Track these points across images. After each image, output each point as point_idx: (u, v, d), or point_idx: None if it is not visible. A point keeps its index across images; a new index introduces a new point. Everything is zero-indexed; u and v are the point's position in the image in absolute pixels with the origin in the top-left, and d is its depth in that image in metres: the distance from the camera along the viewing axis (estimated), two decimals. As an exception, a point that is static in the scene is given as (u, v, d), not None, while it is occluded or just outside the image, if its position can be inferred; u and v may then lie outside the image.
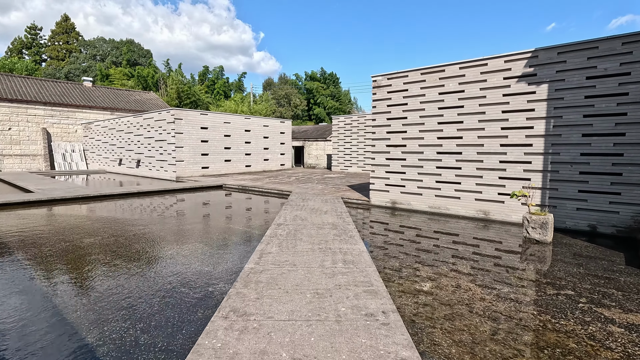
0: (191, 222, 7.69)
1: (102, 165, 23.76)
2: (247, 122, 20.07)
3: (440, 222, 7.70)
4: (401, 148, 9.01)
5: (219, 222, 7.64)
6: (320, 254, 4.64)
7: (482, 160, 7.72)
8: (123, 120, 20.90)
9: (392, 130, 9.15)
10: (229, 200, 11.14)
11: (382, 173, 9.43)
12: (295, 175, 17.52)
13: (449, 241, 6.18)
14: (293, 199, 9.69)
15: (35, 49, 52.48)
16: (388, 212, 8.87)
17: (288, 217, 7.08)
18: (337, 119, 20.97)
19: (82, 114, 26.47)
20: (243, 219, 8.03)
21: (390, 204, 9.30)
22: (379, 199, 9.52)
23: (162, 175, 17.79)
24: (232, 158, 19.35)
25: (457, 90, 8.00)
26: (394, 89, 9.05)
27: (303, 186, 12.89)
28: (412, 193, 8.86)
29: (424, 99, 8.53)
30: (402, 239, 6.22)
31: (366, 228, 7.26)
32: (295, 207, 8.29)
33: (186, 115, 17.14)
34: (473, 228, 7.22)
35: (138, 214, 8.63)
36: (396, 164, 9.13)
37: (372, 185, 9.64)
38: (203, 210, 9.45)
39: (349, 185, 13.42)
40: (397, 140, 9.07)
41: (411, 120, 8.78)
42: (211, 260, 4.94)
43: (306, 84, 50.87)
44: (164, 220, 7.78)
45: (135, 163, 19.90)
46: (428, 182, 8.57)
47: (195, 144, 17.56)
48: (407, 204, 8.96)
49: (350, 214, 8.29)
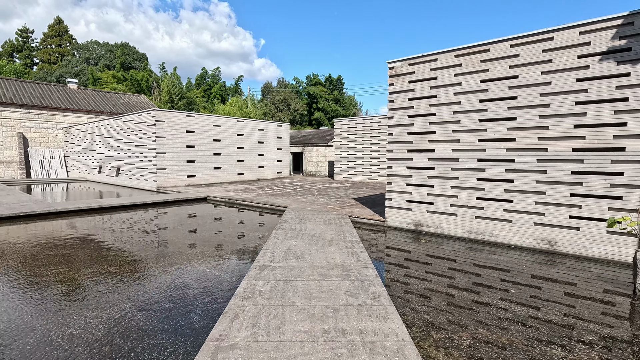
0: (133, 258, 5.55)
1: (82, 173, 21.69)
2: (239, 125, 18.03)
3: (483, 253, 5.59)
4: (428, 154, 6.92)
5: (175, 259, 5.50)
6: (325, 348, 2.52)
7: (544, 171, 5.63)
8: (103, 124, 18.88)
9: (416, 131, 7.07)
10: (207, 218, 9.02)
11: (402, 186, 7.33)
12: (293, 185, 15.44)
13: (513, 288, 4.06)
14: (288, 219, 7.58)
15: (26, 52, 50.76)
16: (410, 237, 6.76)
17: (277, 253, 4.96)
18: (340, 122, 18.95)
19: (63, 118, 24.47)
20: (213, 252, 5.90)
21: (413, 226, 7.19)
22: (398, 219, 7.41)
23: (142, 184, 15.70)
24: (223, 165, 17.28)
25: (508, 76, 5.94)
26: (417, 77, 7.00)
27: (301, 199, 10.79)
28: (444, 213, 6.76)
29: (459, 89, 6.46)
30: (448, 287, 4.10)
31: (387, 264, 5.14)
32: (289, 233, 6.18)
33: (169, 117, 15.09)
34: (533, 264, 5.11)
35: (67, 242, 6.51)
36: (421, 175, 7.03)
37: (389, 201, 7.54)
38: (166, 235, 7.33)
39: (356, 198, 11.30)
40: (422, 143, 6.99)
41: (442, 118, 6.71)
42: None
43: (308, 88, 49.01)
44: (86, 258, 5.65)
45: (115, 171, 17.82)
46: (466, 198, 6.47)
47: (180, 150, 15.49)
48: (437, 226, 6.85)
49: (362, 240, 6.18)
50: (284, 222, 7.27)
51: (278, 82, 57.58)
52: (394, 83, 7.37)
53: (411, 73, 7.10)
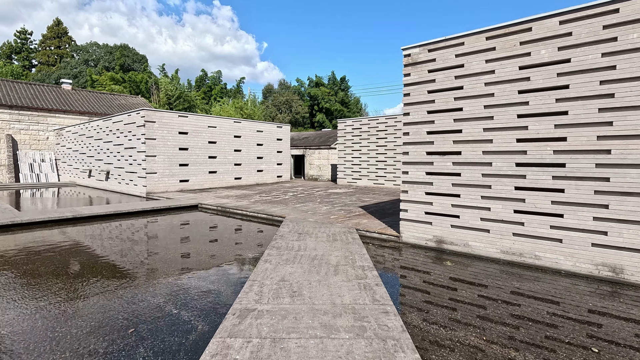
0: (84, 293, 4.41)
1: (73, 177, 20.65)
2: (237, 126, 16.93)
3: (525, 280, 4.41)
4: (452, 157, 5.76)
5: (135, 293, 4.36)
6: None
7: (607, 178, 4.45)
8: (92, 125, 17.84)
9: (438, 130, 5.91)
10: (194, 231, 7.87)
11: (420, 195, 6.16)
12: (294, 190, 14.29)
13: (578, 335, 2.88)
14: (284, 233, 6.42)
15: (24, 54, 50.09)
16: (431, 257, 5.58)
17: (267, 286, 3.81)
18: (344, 122, 17.81)
19: (55, 119, 23.49)
20: (184, 284, 4.76)
21: (433, 243, 6.01)
22: (415, 235, 6.23)
23: (131, 190, 14.60)
24: (219, 169, 16.16)
25: (556, 61, 4.78)
26: (439, 65, 5.85)
27: (302, 208, 9.63)
28: (472, 228, 5.58)
29: (492, 78, 5.31)
30: (503, 339, 2.93)
31: (410, 301, 3.97)
32: (284, 254, 5.02)
33: (160, 117, 14.01)
34: (591, 295, 3.94)
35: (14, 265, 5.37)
36: (444, 182, 5.87)
37: (404, 212, 6.37)
38: (136, 256, 6.18)
39: (363, 206, 10.14)
40: (445, 144, 5.83)
41: (470, 113, 5.55)
42: None
43: (310, 90, 47.96)
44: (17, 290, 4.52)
45: (105, 175, 16.76)
46: (501, 211, 5.29)
47: (172, 153, 14.40)
48: (463, 244, 5.67)
49: (375, 261, 5.01)
50: (280, 237, 6.11)
51: (280, 83, 56.62)
52: (410, 73, 6.22)
53: (431, 61, 5.95)
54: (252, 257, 5.55)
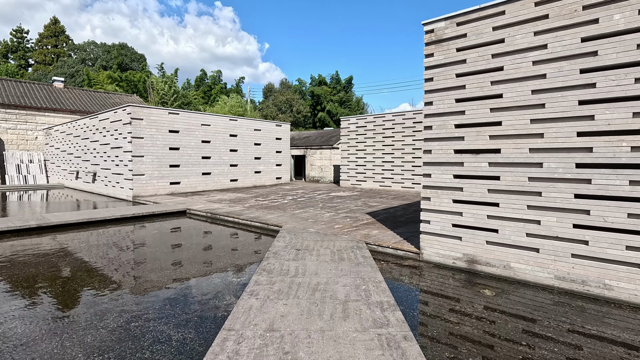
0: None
1: (62, 179, 19.57)
2: (232, 124, 15.79)
3: (590, 317, 3.24)
4: (489, 156, 4.59)
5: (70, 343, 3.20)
6: None
7: None
8: (79, 123, 16.75)
9: (469, 122, 4.75)
10: (170, 245, 6.72)
11: (446, 203, 4.99)
12: (293, 194, 13.13)
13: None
14: (279, 249, 5.27)
15: (20, 53, 49.16)
16: (461, 281, 4.42)
17: (247, 341, 2.64)
18: (347, 120, 16.65)
19: (44, 118, 22.43)
20: (139, 330, 3.60)
21: (464, 263, 4.84)
22: (439, 252, 5.06)
23: (118, 193, 13.49)
24: (213, 170, 15.02)
25: (637, 28, 3.62)
26: (471, 41, 4.69)
27: (301, 214, 8.47)
28: (515, 246, 4.41)
29: (543, 55, 4.14)
30: None
31: (441, 347, 2.80)
32: (277, 282, 3.86)
33: (148, 114, 12.88)
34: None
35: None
36: (478, 187, 4.70)
37: (426, 224, 5.20)
38: (95, 280, 5.03)
39: (370, 212, 8.97)
40: (478, 140, 4.66)
41: (512, 100, 4.38)
42: None
43: (312, 89, 46.83)
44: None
45: (92, 177, 15.65)
46: (555, 225, 4.12)
47: (161, 153, 13.27)
48: (503, 266, 4.49)
49: (393, 287, 3.85)
50: (274, 255, 4.95)
51: (281, 83, 55.55)
52: (432, 53, 5.06)
53: (461, 36, 4.79)
54: (235, 286, 4.38)
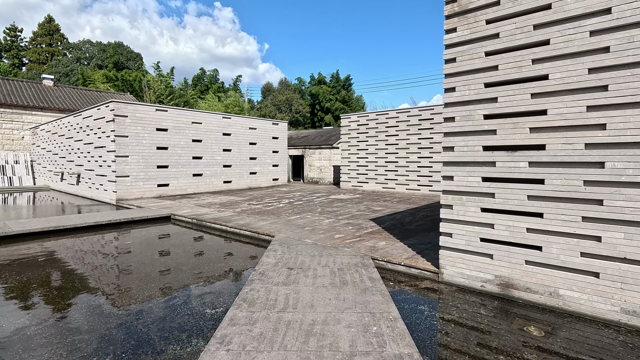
0: None
1: (48, 181, 18.62)
2: (226, 122, 14.84)
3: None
4: (529, 154, 3.64)
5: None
6: None
7: None
8: (64, 122, 15.80)
9: (502, 111, 3.80)
10: (140, 258, 5.76)
11: (472, 212, 4.04)
12: (290, 197, 12.17)
13: None
14: (268, 269, 4.32)
15: (14, 52, 48.22)
16: (494, 310, 3.48)
17: None
18: (348, 118, 15.70)
19: (32, 117, 21.48)
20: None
21: (496, 286, 3.88)
22: (464, 272, 4.11)
23: (101, 195, 12.54)
24: (205, 172, 14.07)
25: None
26: (507, 9, 3.74)
27: (297, 220, 7.52)
28: (566, 268, 3.46)
29: (605, 23, 3.20)
30: None
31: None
32: (259, 320, 2.91)
33: (133, 111, 11.93)
34: None
35: None
36: (514, 193, 3.74)
37: (447, 238, 4.24)
38: (33, 315, 4.07)
39: (375, 218, 8.01)
40: (515, 134, 3.71)
41: (561, 83, 3.44)
42: None
43: (311, 88, 45.88)
44: None
45: (76, 178, 14.70)
46: (621, 244, 3.17)
47: (148, 153, 12.31)
48: (549, 293, 3.54)
49: (408, 320, 2.89)
50: (259, 277, 4.00)
51: (280, 82, 54.64)
52: (455, 28, 4.11)
53: (493, 4, 3.84)
54: (207, 322, 3.41)
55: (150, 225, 8.25)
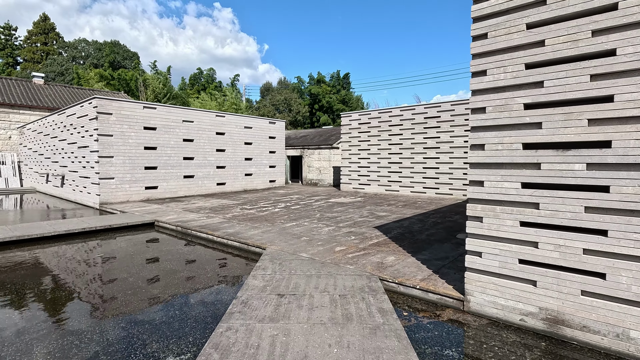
0: None
1: (35, 182, 17.78)
2: (219, 121, 14.01)
3: None
4: (589, 152, 2.81)
5: None
6: None
7: None
8: (48, 120, 14.97)
9: (550, 99, 2.97)
10: (109, 276, 4.92)
11: (508, 226, 3.21)
12: (287, 200, 11.34)
13: None
14: (253, 294, 3.48)
15: (8, 51, 47.38)
16: (541, 354, 2.64)
17: None
18: (349, 117, 14.88)
19: (20, 116, 20.65)
20: None
21: (540, 321, 3.05)
22: (497, 301, 3.28)
23: (85, 199, 11.71)
24: (196, 173, 13.23)
25: None
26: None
27: (293, 229, 6.68)
28: (637, 302, 2.63)
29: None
30: None
31: None
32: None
33: (118, 108, 11.10)
34: None
35: None
36: (565, 203, 2.91)
37: (475, 258, 3.41)
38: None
39: (380, 226, 7.18)
40: (568, 126, 2.89)
41: (635, 60, 2.60)
42: None
43: (310, 87, 45.06)
44: None
45: (60, 180, 13.86)
46: None
47: (135, 153, 11.48)
48: (615, 334, 2.71)
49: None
50: (240, 309, 3.17)
51: (279, 81, 53.84)
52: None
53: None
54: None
55: (131, 233, 7.42)
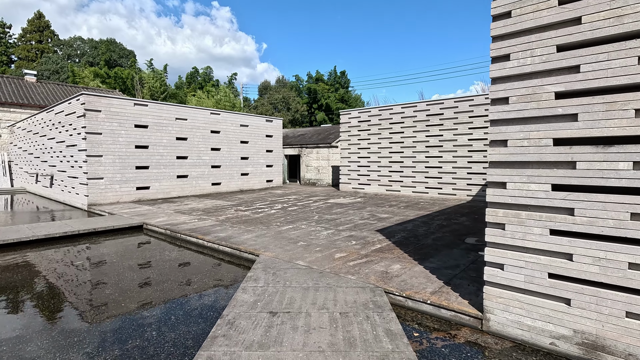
0: None
1: (25, 183, 17.26)
2: (214, 119, 13.53)
3: None
4: (634, 150, 2.37)
5: None
6: None
7: None
8: (37, 118, 14.46)
9: (588, 87, 2.53)
10: (82, 292, 4.46)
11: (535, 234, 2.77)
12: (284, 201, 10.89)
13: None
14: (241, 312, 3.04)
15: (2, 49, 46.70)
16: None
17: None
18: (348, 114, 14.43)
19: (10, 115, 20.13)
20: None
21: (575, 345, 2.61)
22: (522, 320, 2.84)
23: (73, 199, 11.23)
24: (190, 173, 12.76)
25: None
26: None
27: (290, 232, 6.23)
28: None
29: None
30: None
31: None
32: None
33: (107, 105, 10.62)
34: None
35: None
36: (606, 209, 2.48)
37: (497, 271, 2.97)
38: None
39: (382, 229, 6.73)
40: (610, 118, 2.46)
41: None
42: None
43: (309, 85, 44.58)
44: None
45: (49, 180, 13.37)
46: None
47: (125, 152, 11.00)
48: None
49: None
50: (225, 333, 2.72)
51: (277, 80, 53.33)
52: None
53: None
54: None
55: (117, 237, 6.95)
